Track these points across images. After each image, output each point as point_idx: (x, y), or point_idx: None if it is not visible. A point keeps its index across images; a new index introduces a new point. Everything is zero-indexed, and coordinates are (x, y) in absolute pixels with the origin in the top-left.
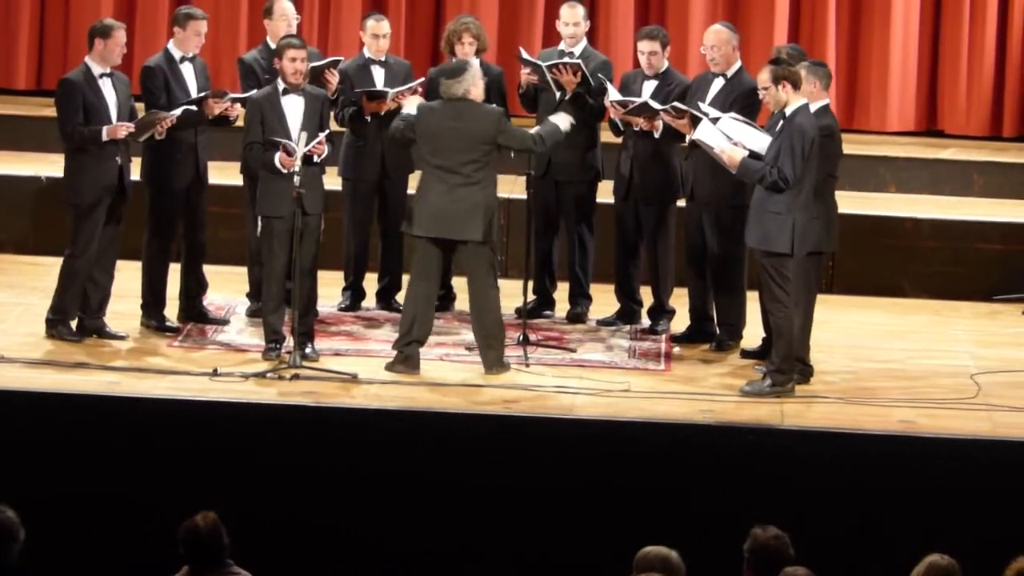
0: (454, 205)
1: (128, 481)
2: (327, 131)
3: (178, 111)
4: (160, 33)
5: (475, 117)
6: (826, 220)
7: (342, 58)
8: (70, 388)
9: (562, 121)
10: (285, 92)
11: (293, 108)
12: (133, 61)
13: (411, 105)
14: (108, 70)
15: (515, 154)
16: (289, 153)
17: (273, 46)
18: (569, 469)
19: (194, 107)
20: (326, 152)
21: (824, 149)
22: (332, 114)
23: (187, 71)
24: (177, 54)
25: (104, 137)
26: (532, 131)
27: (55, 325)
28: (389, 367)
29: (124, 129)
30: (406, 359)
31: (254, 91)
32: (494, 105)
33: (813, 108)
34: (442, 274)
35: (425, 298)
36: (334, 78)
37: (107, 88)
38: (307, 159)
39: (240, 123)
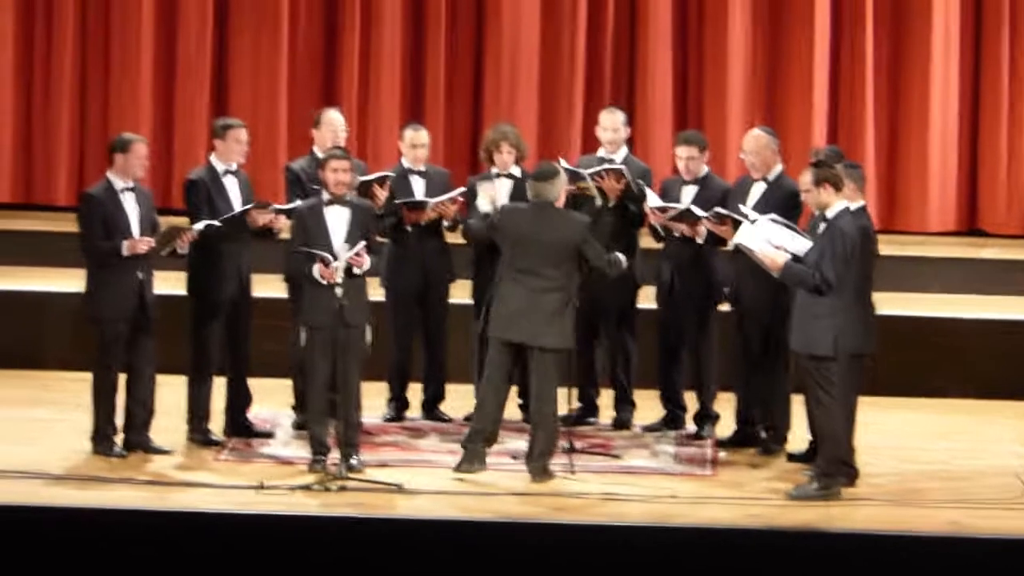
0: (533, 310)
1: None
2: (363, 243)
3: (200, 225)
4: (199, 146)
5: (561, 224)
6: (865, 322)
7: (391, 174)
8: (116, 503)
9: (624, 258)
10: (329, 203)
11: (337, 219)
12: (172, 174)
13: (483, 200)
14: (130, 184)
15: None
16: (326, 265)
17: (320, 156)
18: (617, 575)
19: (217, 223)
20: (367, 264)
21: (862, 251)
22: None
23: (230, 184)
24: (220, 167)
25: (124, 252)
26: (608, 255)
27: (99, 442)
28: (457, 466)
29: (144, 244)
30: (474, 455)
31: (299, 202)
32: (580, 214)
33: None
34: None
35: (496, 398)
36: (382, 193)
37: (129, 202)
38: (347, 270)
39: (284, 235)
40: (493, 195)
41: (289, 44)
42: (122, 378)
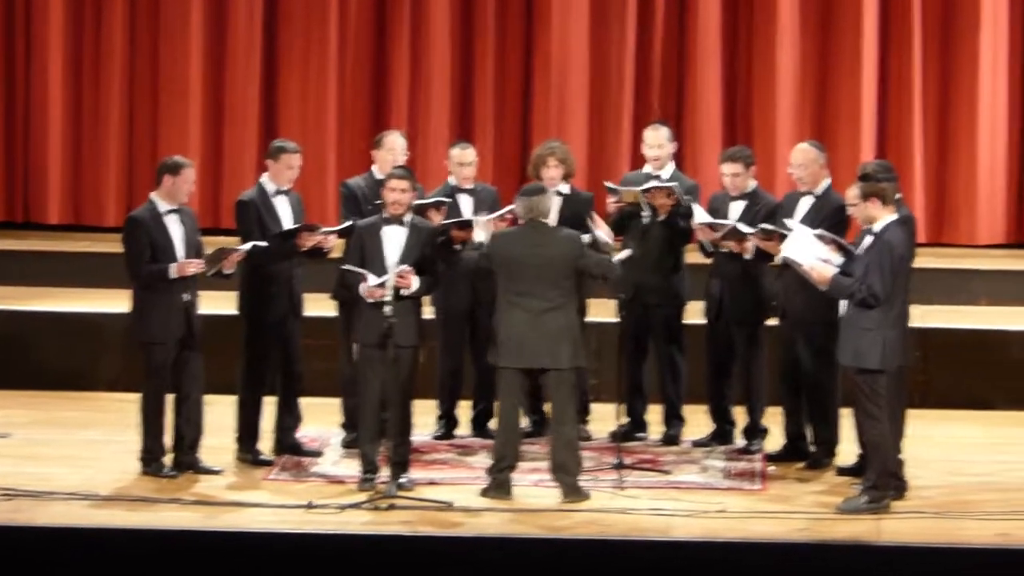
0: (539, 332)
1: None
2: (405, 266)
3: (246, 246)
4: (248, 167)
5: (554, 242)
6: (904, 334)
7: (449, 200)
8: (166, 524)
9: (601, 235)
10: (387, 222)
11: (392, 239)
12: (221, 195)
13: (480, 233)
14: (174, 206)
15: (592, 280)
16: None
17: (378, 176)
18: None
19: (263, 243)
20: (414, 285)
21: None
22: None
23: (281, 204)
24: (271, 188)
25: (172, 275)
26: (604, 258)
27: (148, 463)
28: (483, 493)
29: (193, 266)
30: (499, 485)
31: (348, 224)
32: (575, 231)
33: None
34: (532, 399)
35: (514, 424)
36: (438, 218)
37: (173, 225)
38: (398, 292)
39: (335, 254)
40: (491, 229)
41: (338, 64)
42: (171, 398)
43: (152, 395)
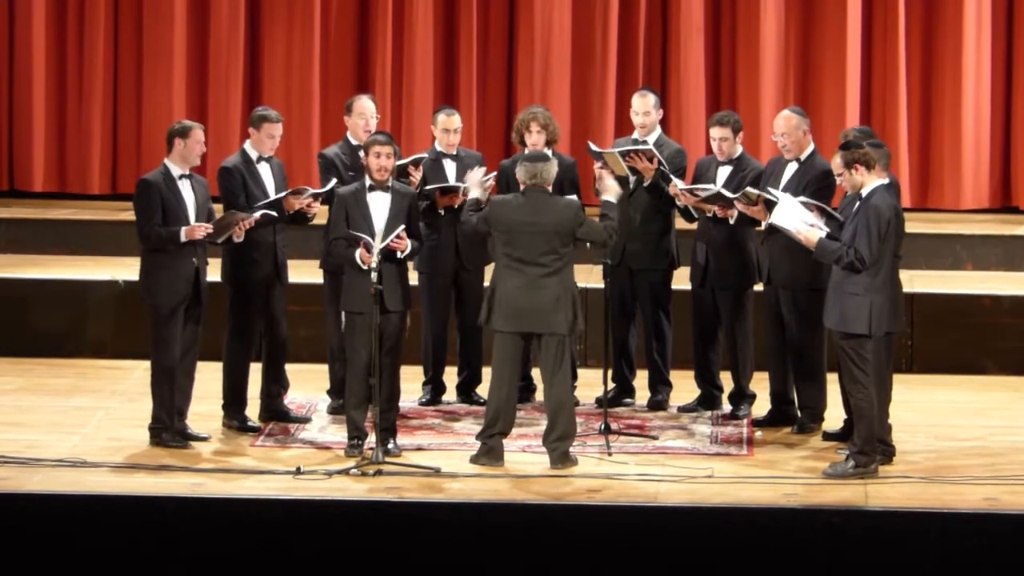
0: (535, 298)
1: None
2: (403, 226)
3: (257, 214)
4: (233, 134)
5: (554, 209)
6: (895, 300)
7: (425, 155)
8: (154, 491)
9: (611, 195)
10: (371, 189)
11: (379, 205)
12: (207, 162)
13: (475, 191)
14: (187, 171)
15: (590, 245)
16: (368, 249)
17: (354, 142)
18: (655, 556)
19: (273, 212)
20: (408, 248)
21: (893, 228)
22: None
23: (264, 171)
24: (254, 154)
25: (182, 238)
26: (603, 224)
27: (158, 433)
28: (474, 459)
29: (203, 230)
30: (490, 450)
31: (333, 184)
32: (573, 196)
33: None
34: (522, 365)
35: (508, 390)
36: (417, 174)
37: (186, 190)
38: (389, 256)
39: (318, 220)
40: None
41: (322, 30)
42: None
43: (158, 360)
